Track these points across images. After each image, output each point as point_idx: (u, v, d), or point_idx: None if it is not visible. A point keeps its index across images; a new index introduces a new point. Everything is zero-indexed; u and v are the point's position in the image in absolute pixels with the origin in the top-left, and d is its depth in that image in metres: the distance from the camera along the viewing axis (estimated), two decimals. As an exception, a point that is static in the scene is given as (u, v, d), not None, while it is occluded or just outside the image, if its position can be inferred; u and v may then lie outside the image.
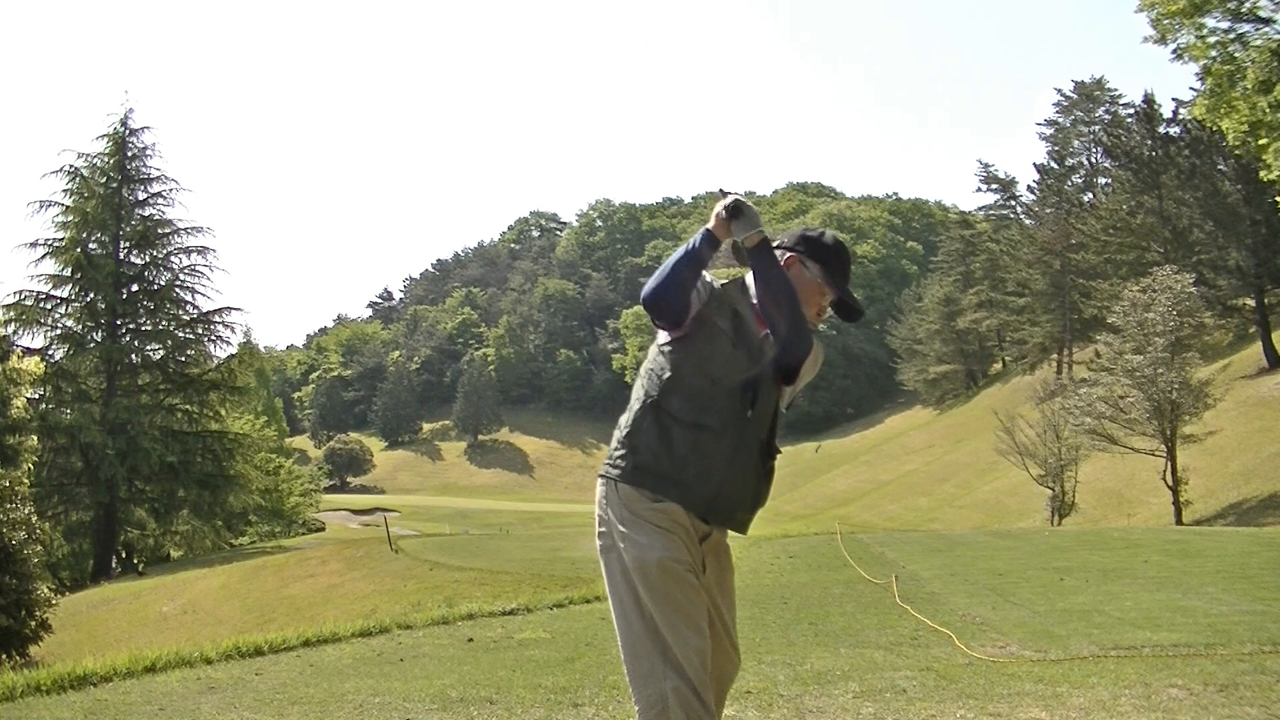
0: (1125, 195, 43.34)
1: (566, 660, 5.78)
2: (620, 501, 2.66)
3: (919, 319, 75.06)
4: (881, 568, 10.18)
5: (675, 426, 2.64)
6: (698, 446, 2.63)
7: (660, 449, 2.64)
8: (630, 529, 2.62)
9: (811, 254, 2.84)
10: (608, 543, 2.69)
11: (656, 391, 2.67)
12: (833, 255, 2.86)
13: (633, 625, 2.59)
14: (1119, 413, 25.06)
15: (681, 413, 2.64)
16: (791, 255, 2.85)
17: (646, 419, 2.67)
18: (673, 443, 2.63)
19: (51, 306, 34.40)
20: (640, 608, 2.58)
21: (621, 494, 2.66)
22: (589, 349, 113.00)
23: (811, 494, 53.49)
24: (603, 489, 2.72)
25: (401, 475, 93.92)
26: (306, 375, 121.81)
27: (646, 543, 2.59)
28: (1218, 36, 17.16)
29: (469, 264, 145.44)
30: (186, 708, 4.75)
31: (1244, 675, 4.65)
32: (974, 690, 4.56)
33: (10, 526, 15.53)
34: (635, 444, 2.67)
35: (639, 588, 2.58)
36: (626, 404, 2.79)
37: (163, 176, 36.09)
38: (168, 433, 34.44)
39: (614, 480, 2.68)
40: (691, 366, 2.67)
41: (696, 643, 2.55)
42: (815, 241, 2.87)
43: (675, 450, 2.63)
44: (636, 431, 2.68)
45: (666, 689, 2.51)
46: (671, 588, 2.56)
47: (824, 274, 2.82)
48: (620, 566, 2.63)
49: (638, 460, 2.65)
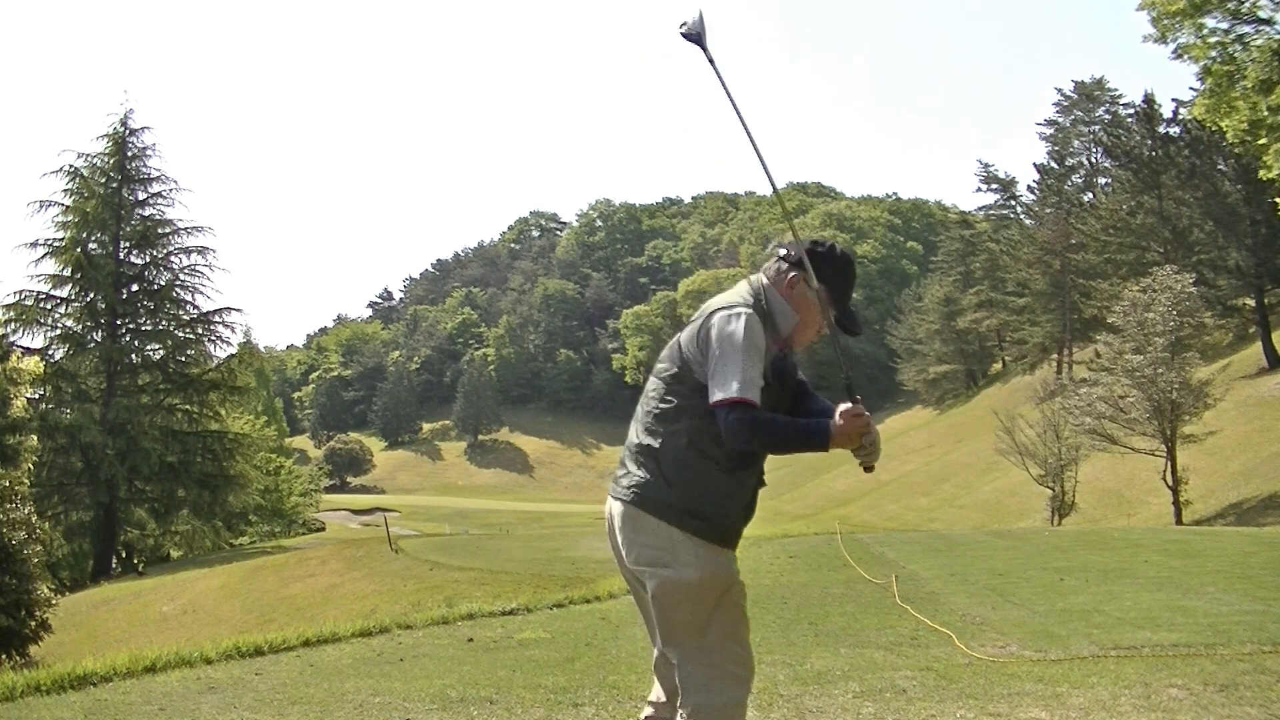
0: (1125, 195, 43.36)
1: (566, 660, 5.77)
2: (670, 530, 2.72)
3: (919, 319, 75.06)
4: (881, 568, 10.17)
5: (719, 472, 2.71)
6: (741, 485, 2.75)
7: (705, 493, 2.71)
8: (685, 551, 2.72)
9: (821, 273, 2.76)
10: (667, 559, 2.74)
11: (705, 444, 2.68)
12: (843, 273, 2.82)
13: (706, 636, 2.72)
14: (1119, 413, 25.07)
15: (728, 461, 2.71)
16: (795, 276, 2.78)
17: (693, 463, 2.70)
18: (718, 486, 2.72)
19: (51, 306, 34.39)
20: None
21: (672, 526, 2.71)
22: (589, 349, 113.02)
23: (811, 494, 53.47)
24: (652, 521, 2.72)
25: (401, 475, 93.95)
26: (306, 375, 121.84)
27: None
28: (1218, 37, 17.16)
29: (469, 264, 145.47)
30: (186, 708, 4.75)
31: (1244, 675, 4.65)
32: (974, 690, 4.56)
33: (10, 526, 15.51)
34: (680, 484, 2.71)
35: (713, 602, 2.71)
36: (626, 403, 2.80)
37: (163, 176, 36.11)
38: (168, 433, 34.43)
39: (658, 516, 2.71)
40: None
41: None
42: (825, 258, 2.80)
43: (718, 494, 2.72)
44: (681, 471, 2.70)
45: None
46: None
47: (829, 295, 2.78)
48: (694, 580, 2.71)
49: (686, 504, 2.70)
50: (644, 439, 2.76)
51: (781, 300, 2.78)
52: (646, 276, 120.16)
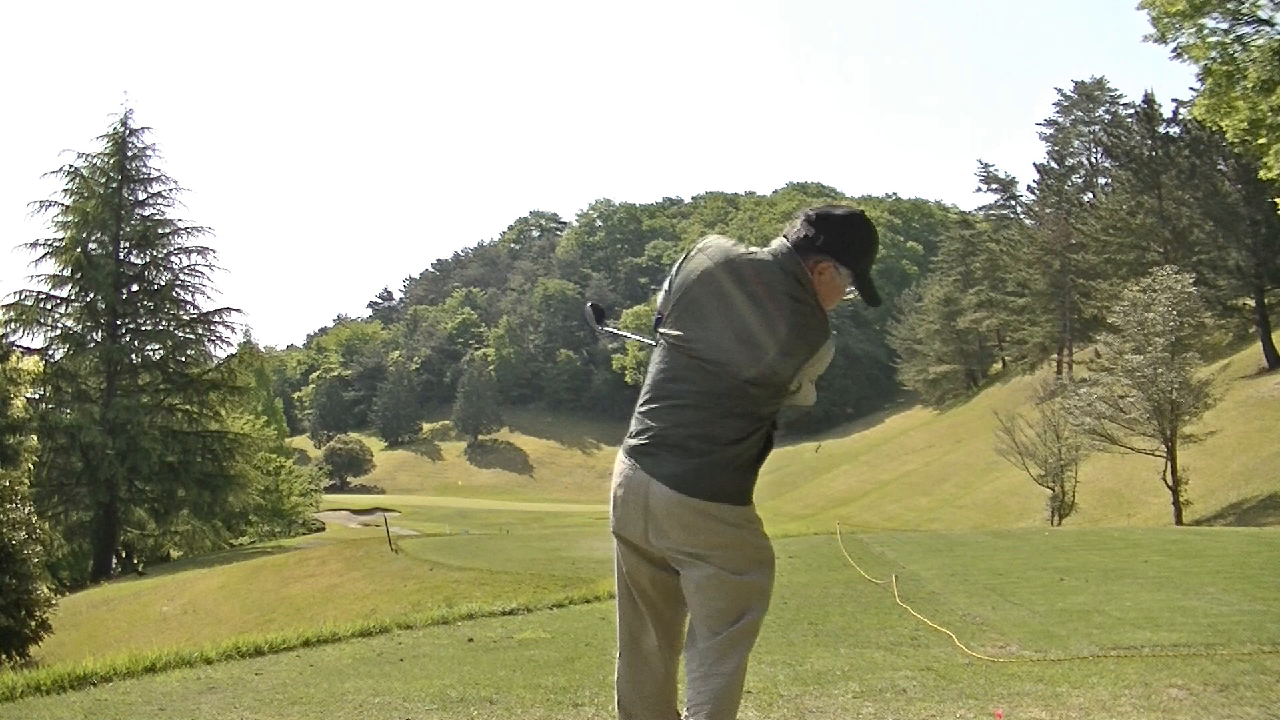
0: (1125, 195, 43.36)
1: (566, 660, 5.77)
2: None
3: (919, 319, 75.08)
4: (881, 568, 10.17)
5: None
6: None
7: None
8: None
9: (839, 255, 2.68)
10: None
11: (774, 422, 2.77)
12: (867, 252, 2.75)
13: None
14: (1119, 413, 25.07)
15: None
16: (824, 265, 2.69)
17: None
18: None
19: (51, 306, 34.40)
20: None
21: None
22: (589, 349, 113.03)
23: (811, 494, 53.46)
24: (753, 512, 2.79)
25: (401, 475, 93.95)
26: (306, 375, 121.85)
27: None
28: (1218, 37, 17.15)
29: (469, 264, 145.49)
30: (186, 708, 4.75)
31: (1244, 675, 4.65)
32: (974, 690, 4.56)
33: (10, 526, 15.52)
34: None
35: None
36: (626, 403, 2.82)
37: (163, 176, 36.15)
38: (168, 433, 34.44)
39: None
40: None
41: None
42: (854, 246, 2.70)
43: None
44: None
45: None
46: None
47: (855, 280, 2.73)
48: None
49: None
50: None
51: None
52: (646, 276, 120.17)
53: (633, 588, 2.85)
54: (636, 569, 2.82)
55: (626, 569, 2.85)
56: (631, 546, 2.80)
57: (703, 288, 2.70)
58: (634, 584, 2.85)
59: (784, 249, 2.72)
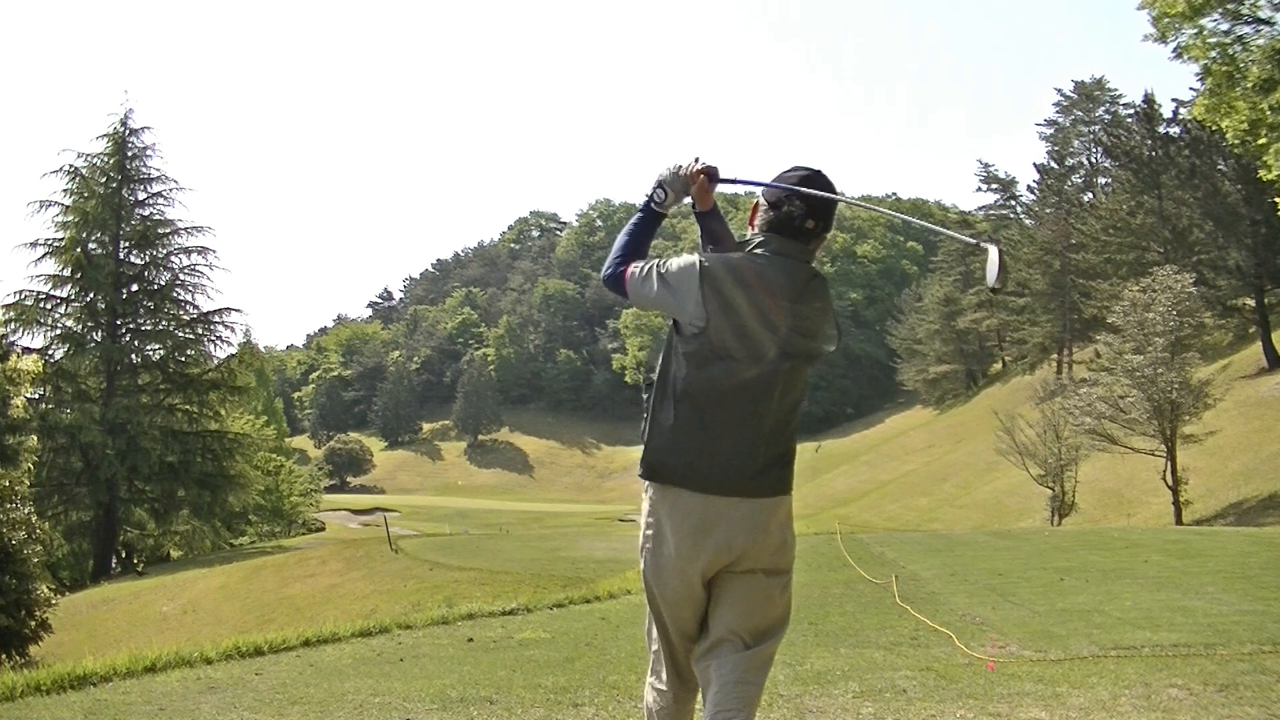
0: (1125, 195, 43.33)
1: (566, 660, 5.78)
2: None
3: (919, 319, 75.11)
4: (881, 568, 10.18)
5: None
6: None
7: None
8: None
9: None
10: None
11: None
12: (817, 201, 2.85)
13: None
14: (1119, 413, 25.06)
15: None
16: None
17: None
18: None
19: (51, 306, 34.42)
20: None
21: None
22: (589, 349, 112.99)
23: (811, 494, 53.44)
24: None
25: (401, 475, 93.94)
26: (306, 375, 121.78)
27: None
28: (1218, 37, 17.14)
29: (469, 264, 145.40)
30: (186, 708, 4.75)
31: (1244, 675, 4.65)
32: (974, 690, 4.56)
33: (10, 526, 15.52)
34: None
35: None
36: (626, 403, 2.81)
37: (163, 176, 36.18)
38: (168, 432, 34.45)
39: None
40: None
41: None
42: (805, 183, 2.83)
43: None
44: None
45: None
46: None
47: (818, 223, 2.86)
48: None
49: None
50: (789, 436, 2.76)
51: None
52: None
53: (672, 624, 2.75)
54: (682, 601, 2.70)
55: (673, 607, 2.71)
56: (686, 581, 2.66)
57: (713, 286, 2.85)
58: (674, 620, 2.74)
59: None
